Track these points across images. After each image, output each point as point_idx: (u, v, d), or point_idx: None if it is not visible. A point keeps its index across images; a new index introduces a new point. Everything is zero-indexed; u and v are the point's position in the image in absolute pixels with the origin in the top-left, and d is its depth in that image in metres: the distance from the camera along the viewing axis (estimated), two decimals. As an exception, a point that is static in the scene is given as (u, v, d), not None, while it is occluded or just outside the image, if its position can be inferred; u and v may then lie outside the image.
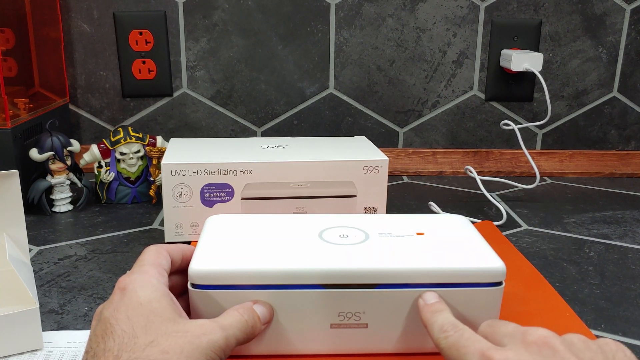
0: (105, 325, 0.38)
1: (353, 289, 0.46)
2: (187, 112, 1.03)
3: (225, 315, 0.42)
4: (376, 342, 0.48)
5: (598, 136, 1.08)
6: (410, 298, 0.46)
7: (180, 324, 0.39)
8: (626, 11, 1.01)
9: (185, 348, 0.37)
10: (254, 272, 0.45)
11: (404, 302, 0.46)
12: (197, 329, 0.39)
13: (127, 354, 0.36)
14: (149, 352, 0.36)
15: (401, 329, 0.47)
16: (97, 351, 0.37)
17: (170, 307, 0.40)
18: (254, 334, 0.43)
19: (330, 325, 0.47)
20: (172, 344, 0.37)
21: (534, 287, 0.61)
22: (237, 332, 0.41)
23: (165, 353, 0.36)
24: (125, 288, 0.41)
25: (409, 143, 1.07)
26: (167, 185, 0.69)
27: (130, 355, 0.36)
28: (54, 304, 0.58)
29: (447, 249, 0.49)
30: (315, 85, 1.03)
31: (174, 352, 0.36)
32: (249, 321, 0.43)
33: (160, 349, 0.36)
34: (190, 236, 0.72)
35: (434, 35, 1.01)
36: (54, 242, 0.74)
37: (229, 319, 0.42)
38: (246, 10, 0.99)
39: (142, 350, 0.36)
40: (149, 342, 0.37)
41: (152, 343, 0.37)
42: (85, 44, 0.99)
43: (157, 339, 0.37)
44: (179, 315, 0.40)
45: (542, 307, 0.57)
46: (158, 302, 0.40)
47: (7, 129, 0.78)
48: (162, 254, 0.45)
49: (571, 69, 1.03)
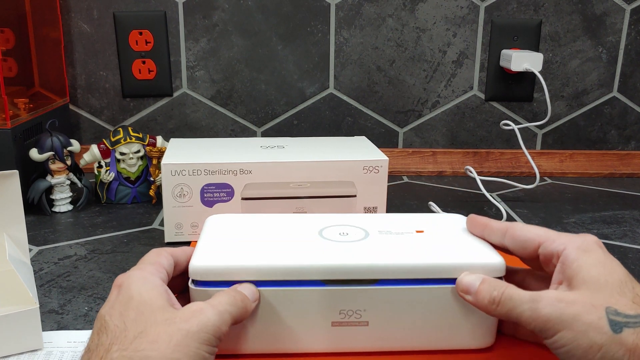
0: (100, 322, 0.38)
1: (354, 286, 0.46)
2: (187, 112, 1.03)
3: (214, 296, 0.42)
4: (377, 340, 0.48)
5: (598, 136, 1.08)
6: (411, 296, 0.46)
7: (170, 312, 0.39)
8: (626, 11, 1.01)
9: (175, 336, 0.37)
10: (254, 268, 0.45)
11: (405, 300, 0.46)
12: (185, 314, 0.39)
13: (117, 346, 0.36)
14: (138, 343, 0.36)
15: (402, 327, 0.47)
16: (92, 347, 0.37)
17: (161, 296, 0.40)
18: (247, 309, 0.43)
19: (331, 323, 0.47)
20: (160, 333, 0.37)
21: (534, 287, 0.60)
22: (228, 307, 0.41)
23: (153, 343, 0.36)
24: (121, 285, 0.41)
25: (409, 143, 1.07)
26: (167, 185, 0.69)
27: (119, 347, 0.36)
28: (54, 304, 0.58)
29: (447, 246, 0.49)
30: (315, 85, 1.03)
31: (163, 341, 0.36)
32: (237, 296, 0.43)
33: (149, 339, 0.36)
34: (190, 236, 0.72)
35: (434, 35, 1.01)
36: (54, 242, 0.74)
37: (218, 298, 0.42)
38: (246, 10, 0.99)
39: (130, 342, 0.36)
40: (139, 333, 0.37)
41: (141, 334, 0.37)
42: (85, 44, 0.99)
43: (146, 329, 0.37)
44: (169, 304, 0.40)
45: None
46: (148, 292, 0.40)
47: (7, 129, 0.78)
48: (163, 254, 0.45)
49: (571, 69, 1.03)
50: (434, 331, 0.47)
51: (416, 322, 0.47)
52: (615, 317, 0.37)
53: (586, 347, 0.37)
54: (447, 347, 0.48)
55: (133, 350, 0.36)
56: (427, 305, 0.47)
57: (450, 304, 0.47)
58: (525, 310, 0.39)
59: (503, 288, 0.41)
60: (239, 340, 0.47)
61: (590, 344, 0.36)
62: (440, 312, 0.47)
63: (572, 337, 0.37)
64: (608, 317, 0.37)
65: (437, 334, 0.48)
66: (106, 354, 0.36)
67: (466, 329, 0.48)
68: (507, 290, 0.41)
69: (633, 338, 0.36)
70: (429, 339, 0.48)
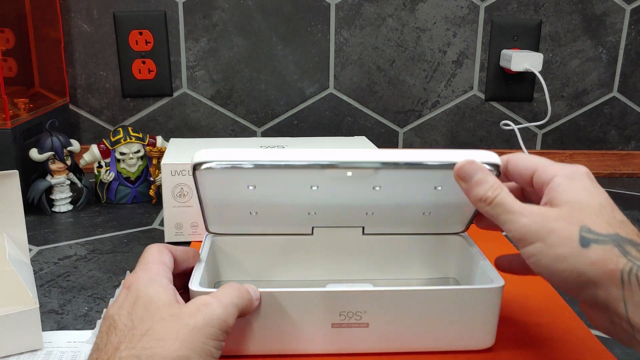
0: (109, 322, 0.39)
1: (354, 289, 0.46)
2: (187, 112, 1.03)
3: (219, 289, 0.43)
4: (377, 341, 0.48)
5: (598, 136, 1.08)
6: (411, 297, 0.46)
7: (176, 307, 0.39)
8: (626, 11, 1.01)
9: (181, 331, 0.37)
10: (254, 152, 0.45)
11: (404, 301, 0.46)
12: (191, 308, 0.39)
13: (125, 344, 0.36)
14: (145, 341, 0.36)
15: (402, 328, 0.47)
16: (100, 346, 0.38)
17: (168, 294, 0.40)
18: (252, 302, 0.44)
19: (332, 325, 0.47)
20: (167, 329, 0.37)
21: (534, 287, 0.61)
22: (234, 299, 0.41)
23: (160, 340, 0.36)
24: (130, 287, 0.41)
25: (409, 143, 1.07)
26: (167, 185, 0.69)
27: (127, 346, 0.36)
28: (54, 304, 0.58)
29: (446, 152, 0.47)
30: (315, 85, 1.03)
31: (169, 338, 0.36)
32: (242, 289, 0.43)
33: (156, 336, 0.36)
34: (190, 236, 0.72)
35: (434, 35, 1.01)
36: (54, 242, 0.74)
37: (223, 290, 0.42)
38: (246, 10, 0.99)
39: (138, 341, 0.36)
40: (145, 331, 0.37)
41: (148, 332, 0.37)
42: (85, 44, 0.99)
43: (152, 326, 0.37)
44: (175, 300, 0.40)
45: (542, 307, 0.57)
46: (155, 291, 0.40)
47: (7, 129, 0.78)
48: (165, 253, 0.45)
49: (571, 69, 1.03)
50: (434, 332, 0.48)
51: (416, 324, 0.47)
52: (587, 234, 0.39)
53: (553, 257, 0.39)
54: (447, 348, 0.48)
55: (141, 349, 0.36)
56: (427, 307, 0.47)
57: (450, 306, 0.47)
58: (509, 219, 0.41)
59: (498, 191, 0.42)
60: (240, 341, 0.47)
61: (557, 255, 0.39)
62: (440, 313, 0.47)
63: (542, 248, 0.39)
64: (580, 234, 0.39)
65: (437, 335, 0.48)
66: (115, 353, 0.36)
67: (466, 330, 0.48)
68: (502, 194, 0.42)
69: (599, 254, 0.38)
70: (429, 340, 0.48)
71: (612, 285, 0.37)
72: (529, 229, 0.40)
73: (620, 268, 0.37)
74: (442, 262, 0.58)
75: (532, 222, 0.40)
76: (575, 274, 0.38)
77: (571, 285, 0.39)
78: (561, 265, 0.38)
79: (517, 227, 0.40)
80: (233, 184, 0.47)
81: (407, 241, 0.57)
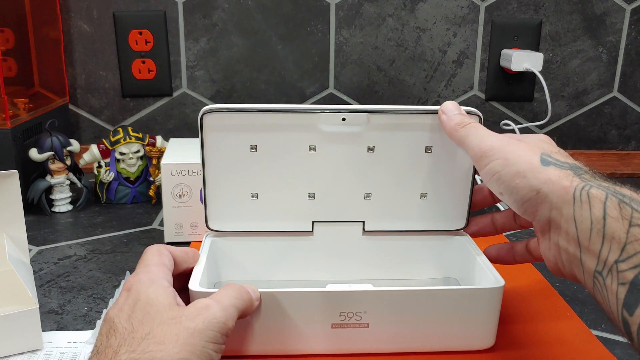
0: (109, 324, 0.39)
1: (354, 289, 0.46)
2: (187, 112, 1.03)
3: (219, 291, 0.42)
4: (377, 341, 0.48)
5: (598, 136, 1.08)
6: (411, 298, 0.46)
7: (176, 310, 0.39)
8: (626, 11, 1.01)
9: (181, 335, 0.37)
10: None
11: (405, 301, 0.46)
12: (191, 311, 0.39)
13: (125, 348, 0.36)
14: (145, 345, 0.36)
15: (402, 328, 0.47)
16: (100, 349, 0.37)
17: (168, 296, 0.40)
18: (252, 303, 0.44)
19: (332, 325, 0.47)
20: (167, 333, 0.37)
21: (534, 287, 0.61)
22: (234, 300, 0.41)
23: (160, 344, 0.36)
24: (130, 289, 0.41)
25: (409, 143, 1.07)
26: (166, 185, 0.69)
27: (127, 349, 0.36)
28: (54, 304, 0.58)
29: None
30: (315, 85, 1.03)
31: (169, 342, 0.36)
32: (242, 289, 0.43)
33: (156, 340, 0.36)
34: (190, 236, 0.72)
35: (434, 35, 1.01)
36: (53, 242, 0.74)
37: (223, 291, 0.42)
38: (246, 10, 0.99)
39: (138, 344, 0.36)
40: (145, 335, 0.37)
41: (148, 335, 0.37)
42: (85, 43, 0.99)
43: (152, 330, 0.37)
44: (175, 303, 0.40)
45: (542, 307, 0.57)
46: (155, 294, 0.40)
47: (7, 129, 0.78)
48: (165, 254, 0.45)
49: (571, 69, 1.03)
50: (435, 332, 0.47)
51: (417, 324, 0.47)
52: (548, 157, 0.42)
53: (514, 173, 0.42)
54: (447, 349, 0.48)
55: (141, 352, 0.36)
56: (427, 307, 0.47)
57: (450, 306, 0.47)
58: (477, 137, 0.46)
59: (473, 121, 0.48)
60: (240, 342, 0.47)
61: (518, 171, 0.42)
62: (440, 313, 0.47)
63: (504, 165, 0.42)
64: (541, 156, 0.42)
65: (437, 335, 0.48)
66: (114, 356, 0.36)
67: (466, 330, 0.48)
68: (475, 123, 0.48)
69: (557, 173, 0.40)
70: (429, 340, 0.48)
71: (565, 204, 0.39)
72: (493, 146, 0.44)
73: (574, 185, 0.39)
74: (443, 262, 0.58)
75: (498, 140, 0.44)
76: (533, 191, 0.40)
77: (528, 204, 0.41)
78: (521, 181, 0.41)
79: (483, 144, 0.44)
80: (236, 141, 0.52)
81: (407, 241, 0.57)
